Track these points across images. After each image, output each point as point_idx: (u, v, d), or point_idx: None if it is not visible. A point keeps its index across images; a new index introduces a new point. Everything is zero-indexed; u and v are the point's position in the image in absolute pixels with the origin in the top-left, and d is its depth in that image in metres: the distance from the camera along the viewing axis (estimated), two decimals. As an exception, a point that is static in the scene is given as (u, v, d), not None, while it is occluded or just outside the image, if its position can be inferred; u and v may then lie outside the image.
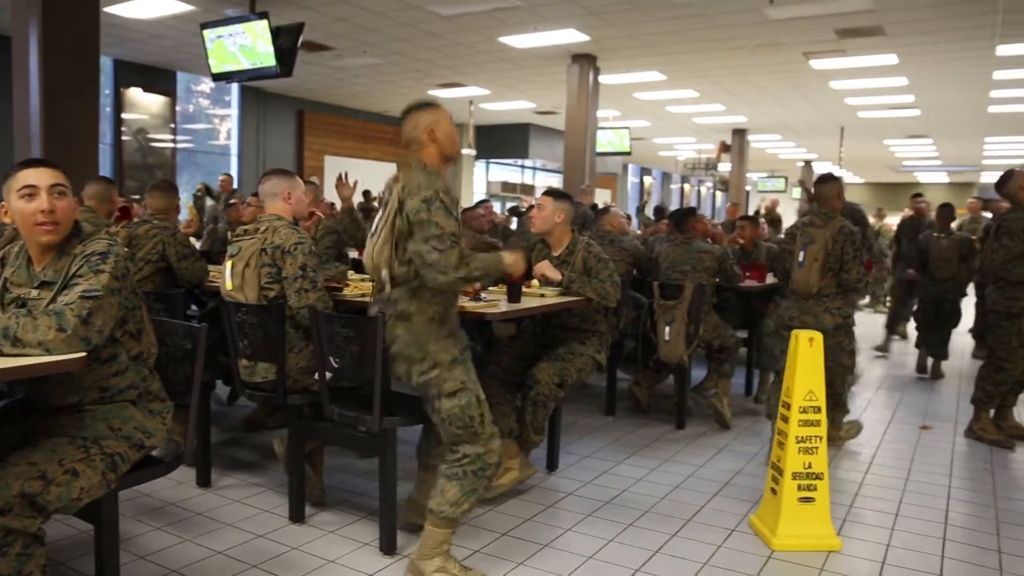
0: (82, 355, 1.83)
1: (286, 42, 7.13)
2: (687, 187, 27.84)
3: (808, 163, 22.56)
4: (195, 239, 6.55)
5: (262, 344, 3.00)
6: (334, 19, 8.74)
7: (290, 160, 14.35)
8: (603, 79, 10.91)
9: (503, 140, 17.54)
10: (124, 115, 11.63)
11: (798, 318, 4.10)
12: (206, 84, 13.24)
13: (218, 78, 7.67)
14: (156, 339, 2.26)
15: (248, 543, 2.89)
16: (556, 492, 3.54)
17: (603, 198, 18.94)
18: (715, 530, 3.14)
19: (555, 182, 19.48)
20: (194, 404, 2.34)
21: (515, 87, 12.78)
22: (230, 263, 3.09)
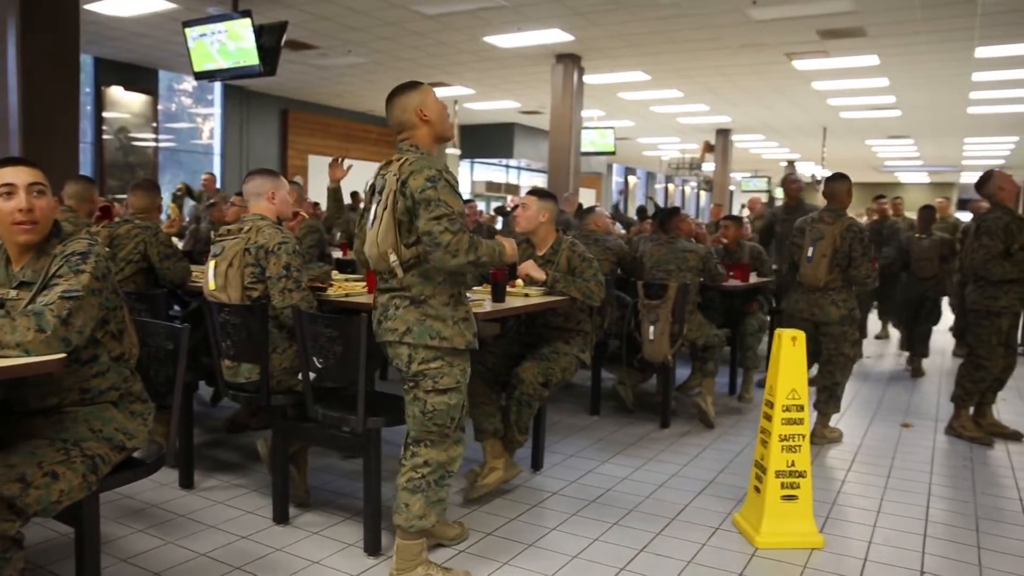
0: (62, 356, 1.80)
1: (269, 41, 7.09)
2: (671, 187, 27.96)
3: (791, 163, 22.72)
4: (177, 239, 6.51)
5: (245, 344, 2.98)
6: (318, 18, 8.71)
7: (274, 159, 14.27)
8: (587, 79, 10.94)
9: (488, 140, 17.53)
10: (105, 114, 11.51)
11: (806, 310, 4.35)
12: (188, 83, 13.13)
13: (200, 77, 7.61)
14: (138, 340, 2.24)
15: (231, 545, 2.87)
16: (541, 491, 3.55)
17: (588, 198, 18.99)
18: (699, 528, 3.16)
19: (540, 182, 19.50)
20: (176, 405, 2.32)
21: (500, 87, 12.78)
22: (213, 263, 3.07)
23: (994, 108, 12.98)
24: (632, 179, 26.67)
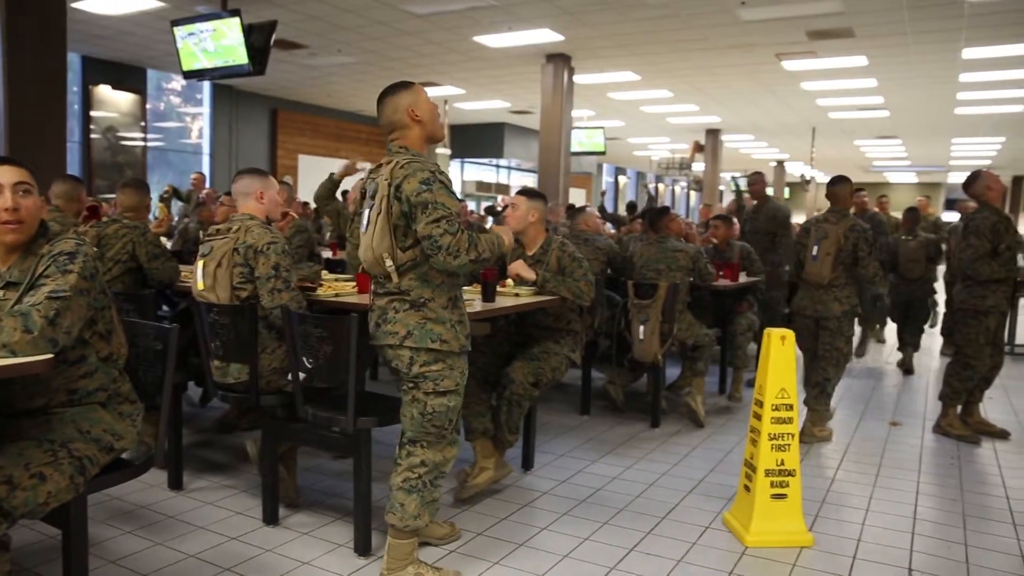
0: (49, 357, 1.79)
1: (258, 40, 7.06)
2: (662, 187, 28.02)
3: (781, 162, 22.80)
4: (166, 239, 6.47)
5: (234, 345, 2.96)
6: (307, 17, 8.68)
7: (263, 159, 14.22)
8: (578, 79, 10.95)
9: (478, 139, 17.53)
10: (93, 113, 11.44)
11: (809, 307, 4.50)
12: (177, 82, 13.08)
13: (189, 76, 7.57)
14: (126, 340, 2.23)
15: (221, 546, 2.86)
16: (531, 491, 3.55)
17: (578, 198, 19.01)
18: (689, 527, 3.17)
19: (530, 182, 19.51)
20: (165, 406, 2.31)
21: (490, 86, 12.78)
22: (202, 263, 3.05)
23: (981, 109, 13.08)
24: (622, 179, 26.74)
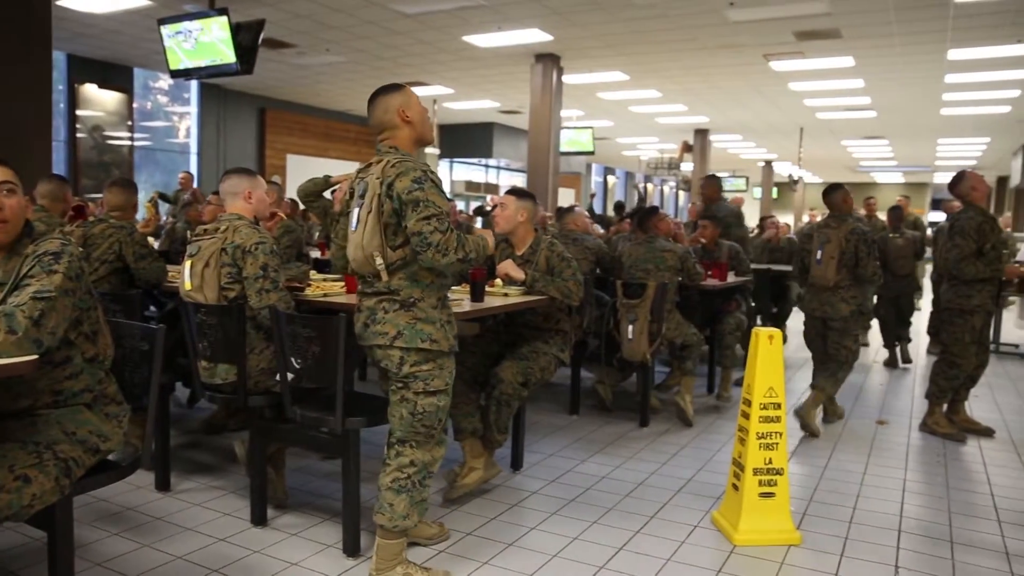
0: (34, 358, 1.78)
1: (246, 39, 7.02)
2: (650, 186, 28.08)
3: (769, 162, 22.90)
4: (153, 239, 6.43)
5: (222, 345, 2.95)
6: (295, 16, 8.65)
7: (251, 159, 14.15)
8: (567, 79, 10.95)
9: (467, 139, 17.51)
10: (79, 112, 11.34)
11: (818, 308, 4.72)
12: (164, 81, 13.00)
13: (176, 75, 7.51)
14: (113, 341, 2.21)
15: (208, 547, 2.85)
16: (520, 491, 3.55)
17: (567, 198, 19.04)
18: (678, 526, 3.18)
19: (519, 181, 19.50)
20: (152, 407, 2.30)
21: (479, 86, 12.77)
22: (189, 263, 3.04)
23: (966, 109, 13.18)
24: (611, 179, 26.77)
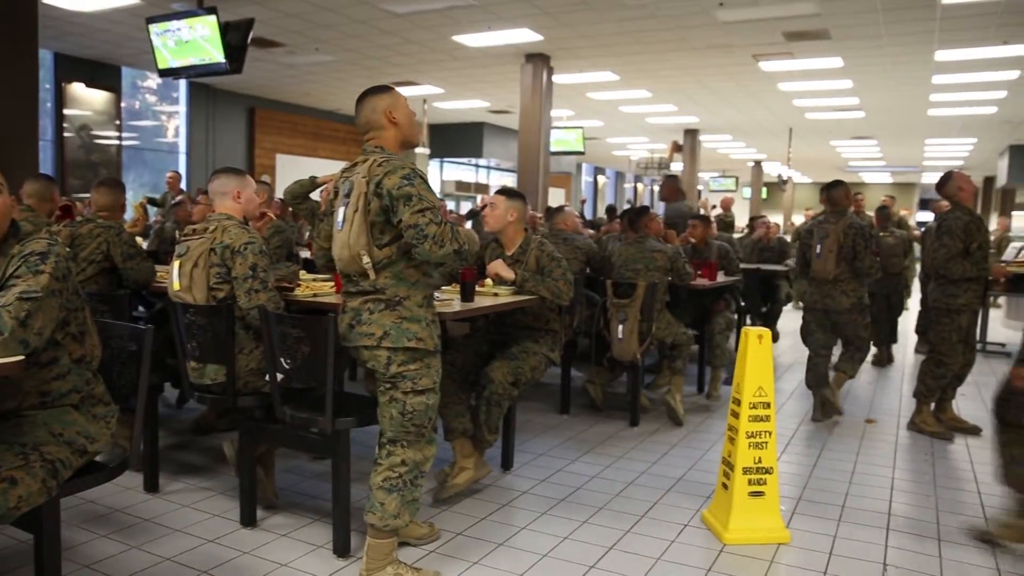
0: (20, 359, 1.77)
1: (235, 38, 6.99)
2: (640, 186, 28.14)
3: (758, 162, 22.99)
4: (141, 239, 6.40)
5: (211, 345, 2.94)
6: (285, 15, 8.61)
7: (241, 158, 14.09)
8: (557, 79, 10.96)
9: (457, 139, 17.49)
10: (66, 111, 11.26)
11: (819, 301, 4.84)
12: (153, 80, 12.92)
13: (165, 74, 7.48)
14: (100, 341, 2.20)
15: (197, 549, 2.83)
16: (511, 491, 3.55)
17: (557, 197, 19.05)
18: (668, 525, 3.19)
19: (509, 181, 19.49)
20: (140, 407, 2.28)
21: (469, 86, 12.76)
22: (178, 263, 3.03)
23: (953, 110, 13.27)
24: (601, 179, 26.80)
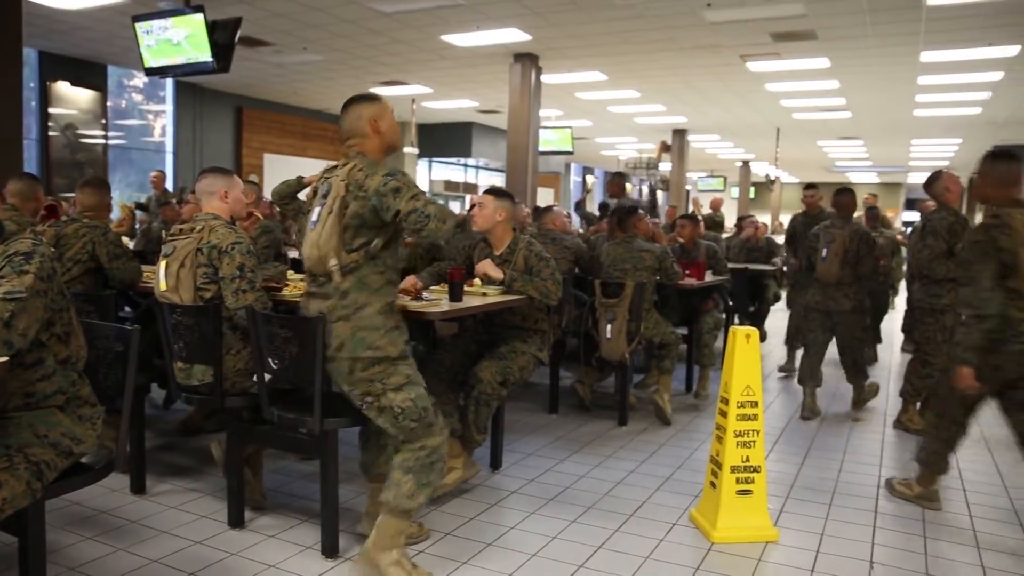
0: (4, 360, 1.75)
1: (223, 37, 6.94)
2: (629, 186, 28.17)
3: (746, 162, 23.07)
4: (128, 238, 6.36)
5: (198, 346, 2.92)
6: (273, 14, 8.57)
7: (228, 158, 14.01)
8: (545, 79, 10.96)
9: (446, 139, 17.47)
10: (51, 110, 11.16)
11: (822, 302, 5.00)
12: (139, 79, 12.83)
13: (151, 73, 7.42)
14: (86, 342, 2.18)
15: (185, 550, 2.82)
16: (500, 490, 3.55)
17: (546, 197, 19.05)
18: (657, 524, 3.19)
19: (498, 181, 19.47)
20: (126, 408, 2.27)
21: (458, 86, 12.74)
22: (164, 263, 3.01)
23: (939, 111, 13.36)
24: (590, 178, 26.82)
